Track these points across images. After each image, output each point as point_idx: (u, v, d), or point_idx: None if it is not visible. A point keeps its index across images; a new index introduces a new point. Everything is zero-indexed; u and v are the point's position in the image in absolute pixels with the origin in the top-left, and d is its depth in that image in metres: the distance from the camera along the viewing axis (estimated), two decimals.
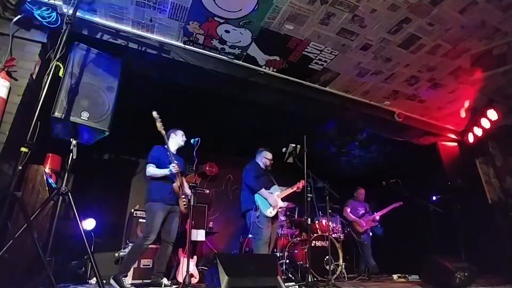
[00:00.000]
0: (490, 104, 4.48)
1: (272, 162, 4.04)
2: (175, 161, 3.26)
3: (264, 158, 3.99)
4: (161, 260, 3.31)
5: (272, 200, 3.74)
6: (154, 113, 3.23)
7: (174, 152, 3.48)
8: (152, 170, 3.29)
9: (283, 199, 3.97)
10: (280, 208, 3.89)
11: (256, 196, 3.71)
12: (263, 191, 3.73)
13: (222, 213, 5.78)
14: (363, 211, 5.40)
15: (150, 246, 3.19)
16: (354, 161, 6.71)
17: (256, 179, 3.78)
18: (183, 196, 3.36)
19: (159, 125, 3.23)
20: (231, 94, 4.04)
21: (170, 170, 3.22)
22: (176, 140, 3.54)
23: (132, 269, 3.90)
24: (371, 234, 5.27)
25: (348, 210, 5.40)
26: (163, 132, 3.28)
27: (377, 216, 5.27)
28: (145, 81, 3.66)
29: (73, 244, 3.17)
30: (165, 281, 3.24)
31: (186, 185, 3.43)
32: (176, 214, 3.37)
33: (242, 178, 3.92)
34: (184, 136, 3.58)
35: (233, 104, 4.36)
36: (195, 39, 3.38)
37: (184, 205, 3.37)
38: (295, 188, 3.98)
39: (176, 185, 3.29)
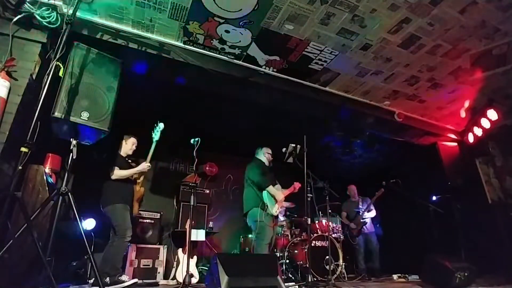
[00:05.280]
0: (490, 104, 4.48)
1: (272, 157, 4.06)
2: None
3: (267, 153, 4.02)
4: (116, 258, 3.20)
5: (279, 197, 3.76)
6: (161, 125, 3.40)
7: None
8: (119, 172, 3.31)
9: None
10: (282, 207, 3.90)
11: (265, 193, 3.70)
12: (271, 187, 3.73)
13: (222, 213, 5.78)
14: (357, 210, 5.25)
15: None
16: (354, 161, 6.71)
17: (263, 175, 3.78)
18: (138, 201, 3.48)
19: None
20: (231, 94, 4.03)
21: (143, 168, 3.35)
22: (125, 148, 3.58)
23: (132, 269, 3.92)
24: (375, 238, 5.14)
25: (345, 215, 5.38)
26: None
27: (365, 212, 5.12)
28: (145, 81, 3.66)
29: (73, 244, 3.16)
30: (124, 278, 3.12)
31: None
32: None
33: (245, 176, 3.88)
34: (134, 145, 3.61)
35: (233, 104, 4.36)
36: (195, 39, 3.38)
37: (139, 208, 3.50)
38: (292, 190, 3.96)
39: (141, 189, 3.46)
